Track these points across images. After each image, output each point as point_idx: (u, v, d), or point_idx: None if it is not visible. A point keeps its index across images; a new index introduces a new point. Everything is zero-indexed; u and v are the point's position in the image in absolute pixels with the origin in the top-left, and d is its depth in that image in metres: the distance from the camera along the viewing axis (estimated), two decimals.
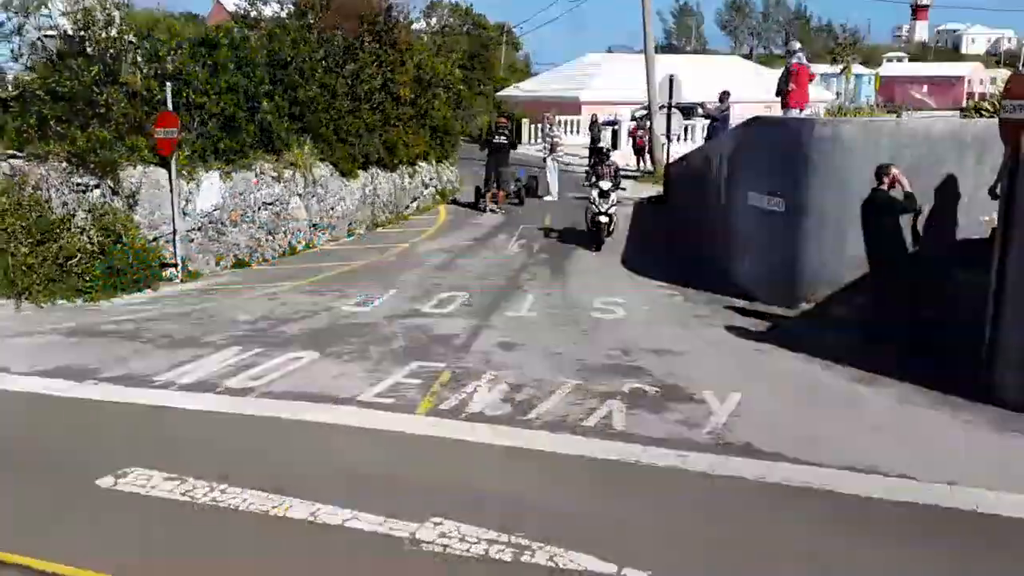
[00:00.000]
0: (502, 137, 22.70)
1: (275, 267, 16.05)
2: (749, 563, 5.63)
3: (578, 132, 41.55)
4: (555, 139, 24.86)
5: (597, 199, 17.25)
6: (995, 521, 6.18)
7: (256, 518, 6.07)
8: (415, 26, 29.86)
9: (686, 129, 32.32)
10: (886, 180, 10.36)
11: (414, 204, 23.23)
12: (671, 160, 24.17)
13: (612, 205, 17.39)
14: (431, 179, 24.64)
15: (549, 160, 24.66)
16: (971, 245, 10.69)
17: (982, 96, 51.25)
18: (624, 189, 17.91)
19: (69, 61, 14.65)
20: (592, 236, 17.28)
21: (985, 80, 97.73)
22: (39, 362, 9.84)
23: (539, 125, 36.71)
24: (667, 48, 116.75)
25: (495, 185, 22.76)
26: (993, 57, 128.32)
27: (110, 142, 13.86)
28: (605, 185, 17.30)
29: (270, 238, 16.78)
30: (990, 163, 10.67)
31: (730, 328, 11.43)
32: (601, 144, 34.78)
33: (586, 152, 34.86)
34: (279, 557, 5.64)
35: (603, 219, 17.12)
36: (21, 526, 6.03)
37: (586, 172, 25.29)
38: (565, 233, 19.28)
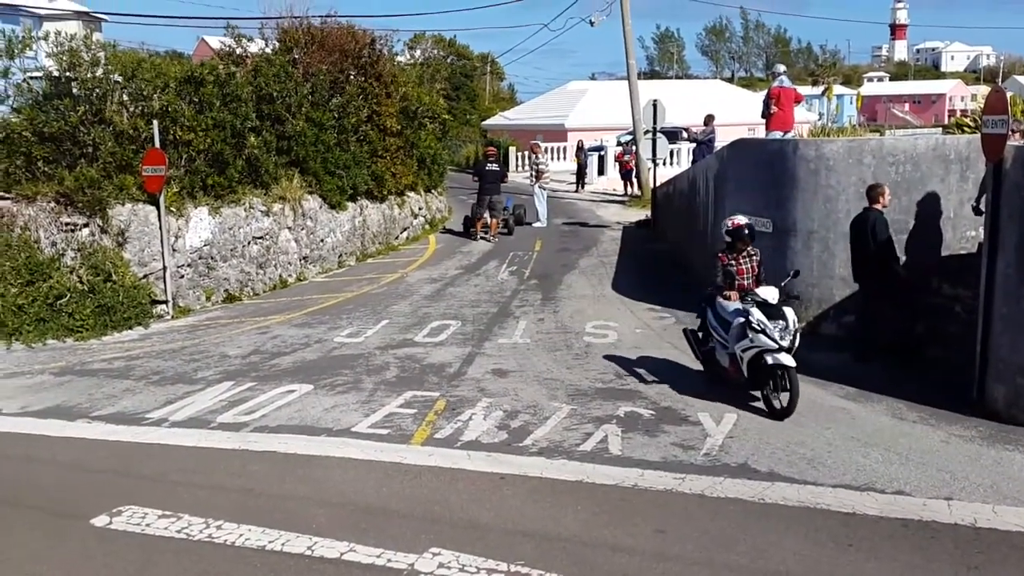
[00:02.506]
0: (493, 165, 22.88)
1: (266, 301, 16.04)
2: None
3: (565, 158, 41.98)
4: (540, 166, 25.03)
5: (763, 325, 8.78)
6: (994, 535, 6.17)
7: (253, 553, 6.02)
8: (399, 58, 30.08)
9: (672, 153, 32.62)
10: (881, 200, 10.38)
11: (404, 234, 23.31)
12: (658, 184, 24.33)
13: (794, 333, 8.85)
14: (420, 209, 24.77)
15: (536, 188, 24.86)
16: (958, 261, 10.78)
17: (963, 113, 51.75)
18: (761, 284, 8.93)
19: (56, 102, 14.72)
20: (767, 400, 8.90)
21: (966, 97, 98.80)
22: (30, 402, 9.78)
23: (526, 152, 36.94)
24: (650, 74, 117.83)
25: (487, 214, 22.89)
26: (973, 74, 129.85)
27: (98, 181, 13.89)
28: (770, 296, 8.97)
29: (260, 272, 16.76)
30: (973, 178, 10.80)
31: None
32: (587, 169, 35.18)
33: (573, 178, 35.27)
34: None
35: (787, 360, 8.67)
36: (15, 566, 5.97)
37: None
38: (555, 259, 19.32)
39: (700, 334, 10.03)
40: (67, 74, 15.08)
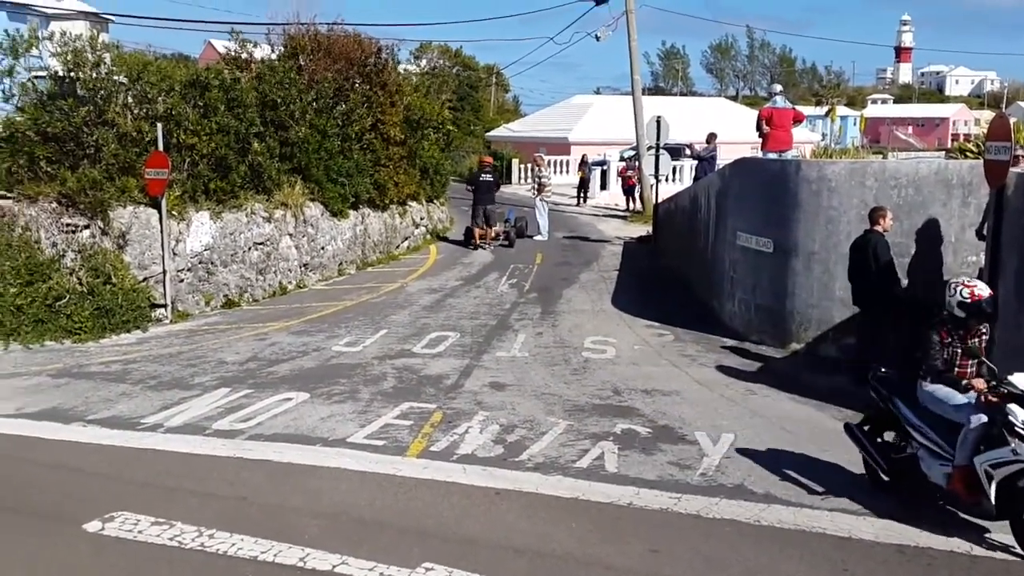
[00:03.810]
0: (487, 176, 23.00)
1: (265, 307, 16.03)
2: None
3: (568, 172, 42.03)
4: (542, 179, 25.04)
5: None
6: (990, 563, 6.15)
7: (245, 564, 5.99)
8: (404, 67, 30.16)
9: (674, 170, 32.67)
10: (882, 223, 10.36)
11: (405, 243, 23.31)
12: (659, 200, 24.37)
13: None
14: (422, 219, 24.79)
15: (538, 201, 24.87)
16: None
17: (967, 137, 51.91)
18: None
19: (59, 102, 14.71)
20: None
21: (969, 121, 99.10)
22: (26, 404, 9.75)
23: (529, 165, 37.03)
24: (654, 90, 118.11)
25: (484, 223, 22.97)
26: (977, 99, 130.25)
27: (100, 183, 13.87)
28: None
29: (260, 278, 16.75)
30: (975, 204, 10.81)
31: (721, 368, 11.43)
32: (590, 183, 35.22)
33: (575, 192, 35.31)
34: None
35: None
36: (5, 571, 5.94)
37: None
38: (556, 272, 19.30)
39: (881, 436, 7.54)
40: (71, 74, 15.09)
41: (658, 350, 12.53)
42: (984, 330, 7.11)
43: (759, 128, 16.12)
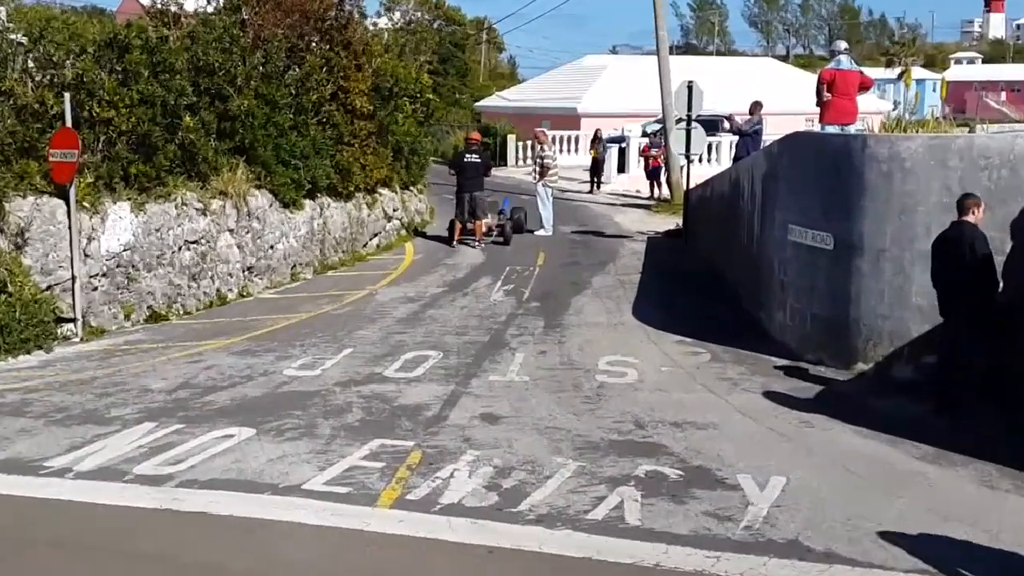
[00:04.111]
0: (473, 156, 23.02)
1: (200, 322, 15.93)
2: None
3: (577, 150, 42.11)
4: (546, 160, 24.99)
5: None
6: None
7: None
8: (373, 22, 30.16)
9: (709, 147, 32.73)
10: (975, 212, 10.22)
11: (374, 241, 23.32)
12: (691, 186, 24.37)
13: None
14: (395, 210, 24.81)
15: (540, 187, 24.85)
16: None
17: None
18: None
19: None
20: None
21: None
22: None
23: (529, 143, 37.03)
24: (685, 48, 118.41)
25: (470, 216, 22.98)
26: None
27: None
28: None
29: (194, 285, 16.72)
30: None
31: (769, 394, 11.39)
32: (604, 165, 35.21)
33: (586, 176, 35.39)
34: None
35: None
36: None
37: None
38: (563, 276, 19.21)
39: None
40: None
41: (691, 372, 12.49)
42: None
43: (819, 95, 16.12)
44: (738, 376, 12.26)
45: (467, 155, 23.20)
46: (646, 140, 34.28)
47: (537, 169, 25.26)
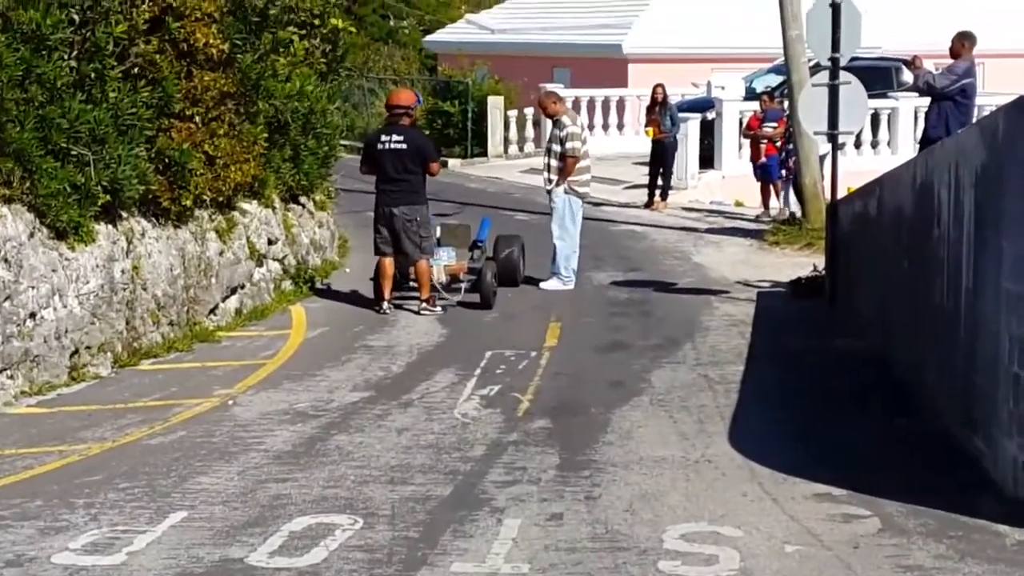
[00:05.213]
0: (396, 138, 15.61)
1: None
2: None
3: (621, 128, 29.15)
4: (568, 146, 16.74)
5: None
6: None
7: None
8: None
9: (875, 119, 23.86)
10: None
11: (231, 301, 16.43)
12: (842, 194, 17.11)
13: None
14: (273, 242, 17.61)
15: (558, 197, 16.92)
16: None
17: None
18: None
19: None
20: None
21: None
22: None
23: (531, 113, 26.96)
24: None
25: (397, 251, 15.72)
26: None
27: None
28: None
29: None
30: None
31: None
32: (675, 153, 24.67)
33: (638, 175, 25.86)
34: None
35: None
36: None
37: None
38: (592, 368, 13.57)
39: None
40: None
41: (844, 557, 9.08)
42: None
43: None
44: (936, 565, 8.97)
45: (384, 137, 15.77)
46: (755, 107, 23.93)
47: (553, 163, 17.08)
